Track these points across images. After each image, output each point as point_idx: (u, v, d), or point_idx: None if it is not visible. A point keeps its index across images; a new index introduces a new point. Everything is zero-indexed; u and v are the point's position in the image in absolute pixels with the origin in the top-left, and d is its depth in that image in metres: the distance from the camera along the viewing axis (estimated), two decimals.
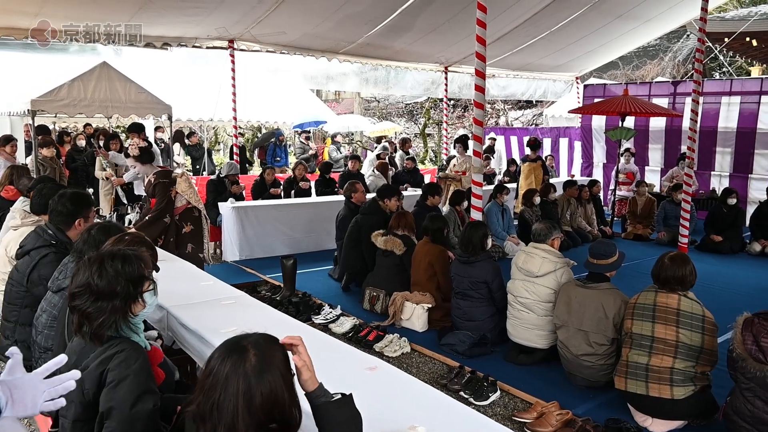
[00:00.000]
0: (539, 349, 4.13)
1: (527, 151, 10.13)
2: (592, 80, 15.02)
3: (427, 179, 10.36)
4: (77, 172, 8.43)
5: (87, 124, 11.37)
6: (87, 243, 2.55)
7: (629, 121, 10.14)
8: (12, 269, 3.27)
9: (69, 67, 8.28)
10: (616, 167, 9.64)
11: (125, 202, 7.72)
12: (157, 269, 2.24)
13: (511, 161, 11.92)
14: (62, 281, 2.64)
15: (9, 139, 7.14)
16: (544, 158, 10.35)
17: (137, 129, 7.14)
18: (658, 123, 10.95)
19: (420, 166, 12.56)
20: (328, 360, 2.40)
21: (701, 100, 7.07)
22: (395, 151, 12.02)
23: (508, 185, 8.74)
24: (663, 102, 10.64)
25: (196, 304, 3.10)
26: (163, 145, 11.67)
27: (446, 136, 13.27)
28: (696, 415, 3.26)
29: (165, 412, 2.02)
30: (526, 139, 13.79)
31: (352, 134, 20.25)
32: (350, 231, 5.85)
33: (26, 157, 7.83)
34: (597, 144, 12.06)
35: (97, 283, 1.83)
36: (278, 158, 13.01)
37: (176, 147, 12.15)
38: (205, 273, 3.97)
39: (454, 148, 8.87)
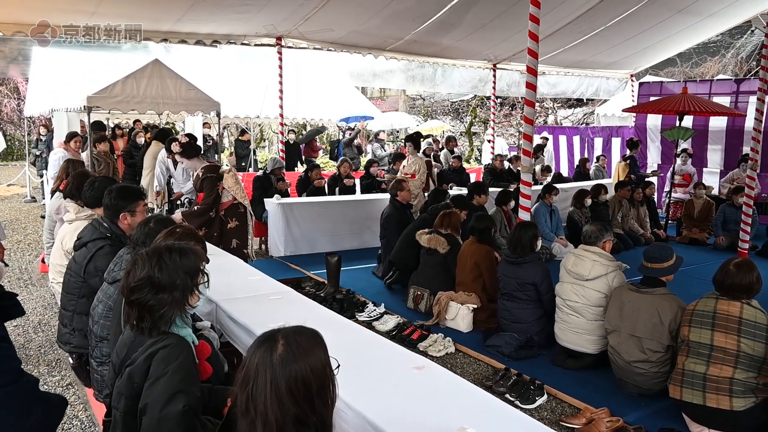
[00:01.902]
0: (588, 354, 4.01)
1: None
2: (648, 78, 14.47)
3: (472, 178, 10.23)
4: (134, 168, 8.72)
5: (137, 120, 11.74)
6: (148, 235, 2.60)
7: (687, 121, 9.71)
8: (70, 260, 3.40)
9: (122, 65, 8.48)
10: (672, 168, 9.26)
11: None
12: (207, 261, 2.27)
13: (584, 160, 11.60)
14: (117, 273, 2.72)
15: (73, 135, 7.48)
16: (634, 157, 10.03)
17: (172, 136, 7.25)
18: (718, 123, 10.45)
19: (465, 165, 12.42)
20: (375, 358, 2.39)
21: (767, 98, 6.67)
22: (440, 149, 11.93)
23: (559, 185, 8.52)
24: (724, 101, 10.12)
25: (245, 299, 3.14)
26: (210, 141, 11.96)
27: (493, 135, 13.06)
28: (756, 429, 3.10)
29: (215, 404, 2.05)
30: (576, 138, 13.45)
31: (397, 132, 20.23)
32: (409, 229, 5.76)
33: (82, 152, 8.13)
34: (652, 144, 11.61)
35: (158, 276, 1.88)
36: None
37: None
38: (252, 268, 4.01)
39: (405, 146, 7.82)
